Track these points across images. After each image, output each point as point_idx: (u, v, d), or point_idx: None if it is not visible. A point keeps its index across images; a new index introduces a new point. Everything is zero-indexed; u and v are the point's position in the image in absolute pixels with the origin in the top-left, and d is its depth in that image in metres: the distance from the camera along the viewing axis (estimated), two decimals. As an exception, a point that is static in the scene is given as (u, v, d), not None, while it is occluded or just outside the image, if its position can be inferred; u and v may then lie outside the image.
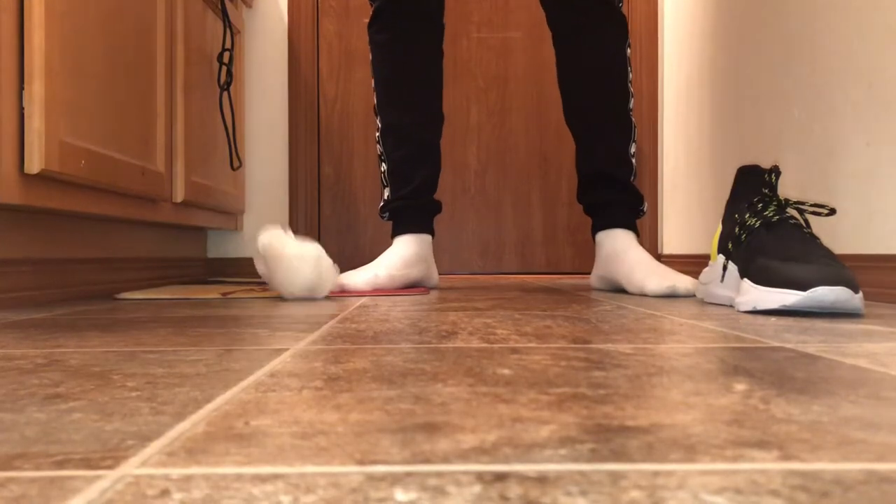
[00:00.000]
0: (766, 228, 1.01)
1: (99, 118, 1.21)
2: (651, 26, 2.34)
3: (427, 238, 1.55)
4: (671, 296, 1.29)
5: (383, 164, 1.58)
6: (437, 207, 1.59)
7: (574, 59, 1.52)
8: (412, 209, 1.55)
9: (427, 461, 0.30)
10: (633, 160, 1.52)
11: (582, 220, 2.37)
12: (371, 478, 0.28)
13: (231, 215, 2.10)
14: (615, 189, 1.50)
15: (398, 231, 1.54)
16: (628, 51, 1.52)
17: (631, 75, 1.52)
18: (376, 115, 1.59)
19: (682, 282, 1.30)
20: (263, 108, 2.29)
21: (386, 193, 1.58)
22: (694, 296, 1.27)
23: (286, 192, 2.30)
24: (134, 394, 0.44)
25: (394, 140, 1.56)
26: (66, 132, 1.09)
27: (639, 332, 0.74)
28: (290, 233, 1.24)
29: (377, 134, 1.59)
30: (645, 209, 1.53)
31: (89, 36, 1.18)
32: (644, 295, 1.32)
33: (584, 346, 0.63)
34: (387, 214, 1.58)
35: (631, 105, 1.52)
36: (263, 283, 1.58)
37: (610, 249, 1.46)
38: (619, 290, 1.44)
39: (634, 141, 1.52)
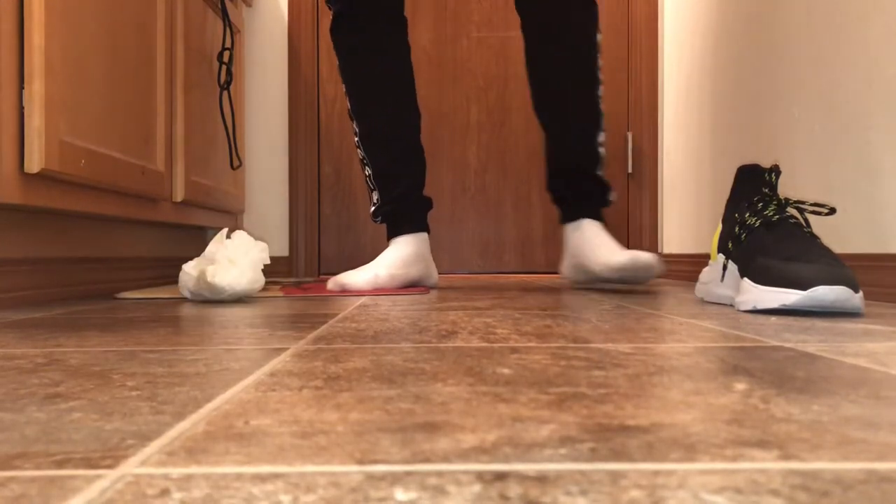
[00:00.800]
0: (766, 228, 1.01)
1: (99, 117, 1.21)
2: (651, 26, 2.34)
3: (424, 236, 1.55)
4: (632, 268, 1.34)
5: (367, 168, 1.56)
6: (428, 204, 1.58)
7: (543, 46, 1.51)
8: (405, 211, 1.54)
9: (427, 460, 0.30)
10: (602, 149, 1.52)
11: (582, 220, 2.37)
12: (371, 477, 0.28)
13: (231, 215, 2.10)
14: (581, 181, 1.51)
15: (394, 233, 1.54)
16: (599, 37, 1.50)
17: (601, 62, 1.50)
18: (352, 121, 1.57)
19: (645, 255, 1.35)
20: (263, 107, 2.29)
21: (375, 197, 1.56)
22: (654, 268, 1.34)
23: (286, 191, 2.30)
24: (134, 393, 0.44)
25: (374, 144, 1.55)
26: (65, 131, 1.09)
27: (639, 331, 0.74)
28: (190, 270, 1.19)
29: (356, 139, 1.56)
30: (612, 198, 1.53)
31: (89, 35, 1.18)
32: (610, 276, 1.37)
33: (584, 346, 0.63)
34: (379, 218, 1.56)
35: (600, 92, 1.50)
36: (271, 283, 1.59)
37: (577, 240, 1.49)
38: (590, 278, 1.47)
39: (603, 129, 1.51)
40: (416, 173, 1.56)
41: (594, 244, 1.43)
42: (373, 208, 1.57)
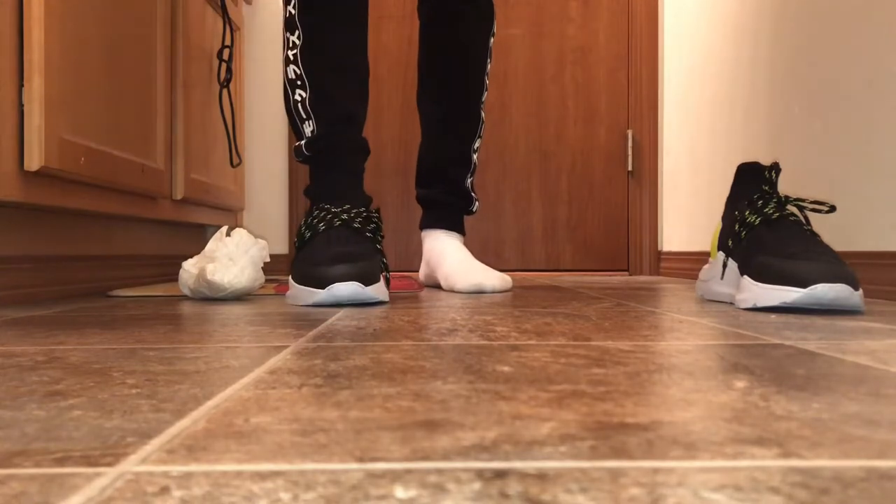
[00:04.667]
0: (766, 225, 1.01)
1: (99, 115, 1.21)
2: (651, 23, 2.34)
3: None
4: (479, 292, 1.33)
5: (300, 92, 1.24)
6: (366, 149, 1.31)
7: (435, 46, 1.48)
8: (344, 149, 1.26)
9: (427, 458, 0.30)
10: (475, 156, 1.51)
11: (581, 218, 2.37)
12: (371, 475, 0.28)
13: (231, 212, 2.10)
14: (447, 190, 1.50)
15: (323, 174, 1.25)
16: (492, 41, 1.49)
17: (489, 67, 1.50)
18: (290, 31, 1.25)
19: (490, 280, 1.34)
20: (263, 105, 2.29)
21: (308, 128, 1.25)
22: (501, 291, 1.34)
23: (286, 188, 2.30)
24: (134, 391, 0.44)
25: (321, 60, 1.24)
26: (65, 129, 1.09)
27: (639, 329, 0.74)
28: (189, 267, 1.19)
29: (290, 52, 1.25)
30: (474, 210, 1.53)
31: (89, 33, 1.18)
32: (457, 291, 1.35)
33: (584, 344, 0.63)
34: (306, 155, 1.26)
35: (483, 99, 1.50)
36: (270, 281, 1.58)
37: (432, 249, 1.48)
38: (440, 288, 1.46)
39: (480, 136, 1.51)
40: (363, 110, 1.30)
41: (447, 263, 1.42)
42: (302, 141, 1.26)
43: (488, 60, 1.49)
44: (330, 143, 1.24)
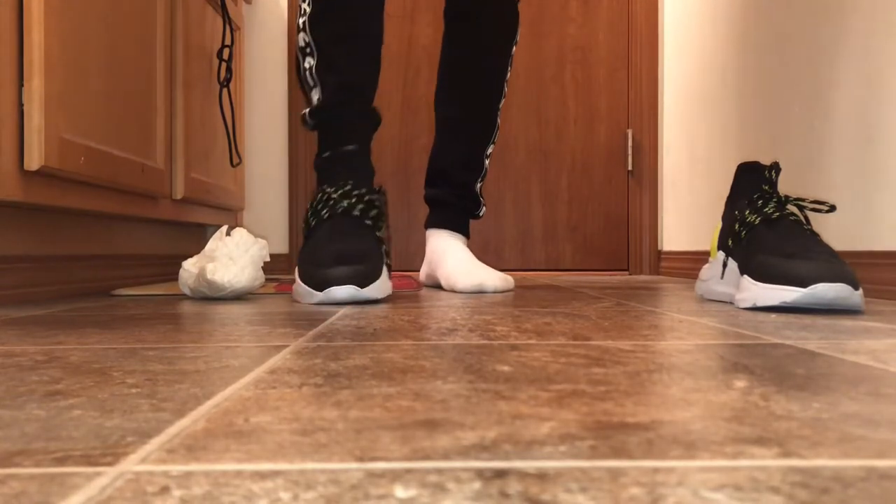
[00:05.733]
0: (766, 225, 1.01)
1: (99, 115, 1.21)
2: (651, 22, 2.34)
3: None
4: (480, 292, 1.32)
5: (309, 60, 1.24)
6: (377, 119, 1.29)
7: (458, 49, 1.49)
8: (350, 119, 1.25)
9: (427, 458, 0.30)
10: (487, 161, 1.52)
11: (581, 217, 2.37)
12: (371, 474, 0.28)
13: (231, 212, 2.10)
14: (455, 192, 1.50)
15: (331, 146, 1.24)
16: (514, 48, 1.49)
17: (509, 74, 1.50)
18: None
19: (492, 280, 1.33)
20: (263, 104, 2.29)
21: (315, 96, 1.25)
22: (502, 291, 1.34)
23: (286, 188, 2.30)
24: (134, 390, 0.44)
25: (330, 28, 1.23)
26: (65, 129, 1.09)
27: (639, 328, 0.74)
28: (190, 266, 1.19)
29: (300, 20, 1.24)
30: (481, 214, 1.54)
31: (89, 32, 1.18)
32: (458, 291, 1.35)
33: (584, 343, 0.63)
34: (313, 122, 1.25)
35: (501, 105, 1.51)
36: (270, 281, 1.58)
37: (435, 249, 1.48)
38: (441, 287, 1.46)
39: (494, 142, 1.52)
40: (372, 79, 1.28)
41: (449, 263, 1.42)
42: (308, 109, 1.26)
43: (509, 66, 1.50)
44: (334, 113, 1.24)
